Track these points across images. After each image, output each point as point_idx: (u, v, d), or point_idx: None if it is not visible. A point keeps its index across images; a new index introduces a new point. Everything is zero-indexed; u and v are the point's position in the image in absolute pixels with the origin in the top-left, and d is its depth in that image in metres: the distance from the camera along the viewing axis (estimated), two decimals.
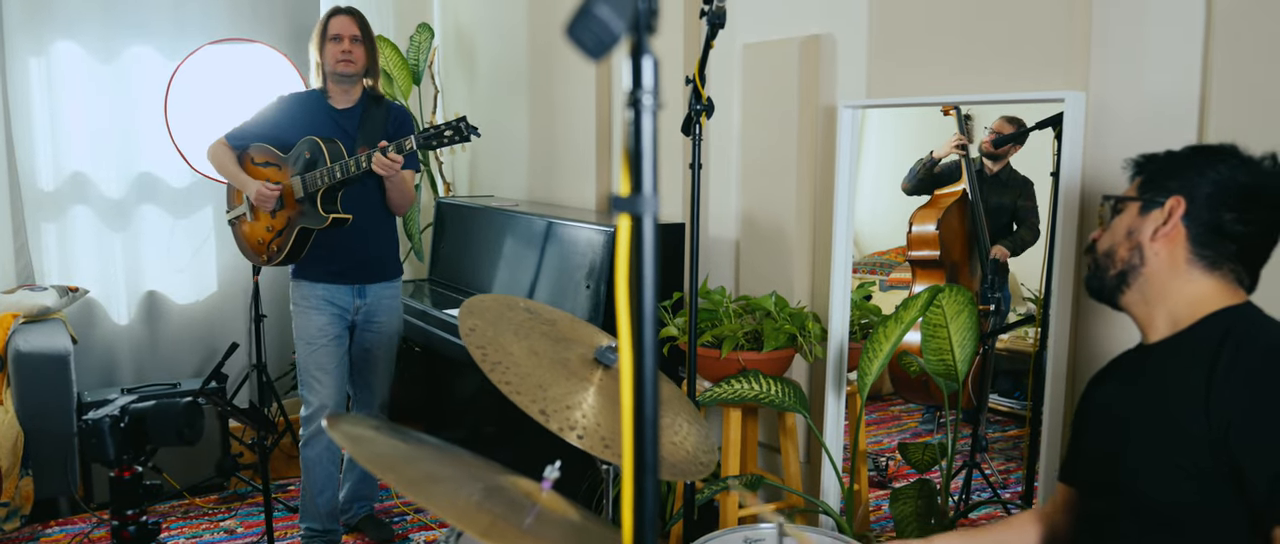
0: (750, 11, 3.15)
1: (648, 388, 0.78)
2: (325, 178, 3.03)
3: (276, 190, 3.14)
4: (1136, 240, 1.52)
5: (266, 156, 3.24)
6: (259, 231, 3.28)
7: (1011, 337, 2.84)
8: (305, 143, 3.10)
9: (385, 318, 3.36)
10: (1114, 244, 1.56)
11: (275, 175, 3.20)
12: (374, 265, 3.30)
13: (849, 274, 2.77)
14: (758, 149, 3.15)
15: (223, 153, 3.28)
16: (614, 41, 0.64)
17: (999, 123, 2.67)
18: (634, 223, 0.75)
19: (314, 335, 3.24)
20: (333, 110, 3.23)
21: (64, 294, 4.10)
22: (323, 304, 3.24)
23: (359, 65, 3.19)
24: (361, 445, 1.33)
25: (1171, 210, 1.49)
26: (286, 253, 3.18)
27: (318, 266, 3.23)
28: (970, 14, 2.49)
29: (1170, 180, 1.51)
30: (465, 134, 2.91)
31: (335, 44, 3.17)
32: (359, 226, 3.17)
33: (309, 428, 3.26)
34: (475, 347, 1.57)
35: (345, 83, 3.22)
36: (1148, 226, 1.51)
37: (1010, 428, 2.89)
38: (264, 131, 3.26)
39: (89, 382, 4.30)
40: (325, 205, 3.08)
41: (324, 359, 3.24)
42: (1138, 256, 1.52)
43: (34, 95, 4.17)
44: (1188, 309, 1.49)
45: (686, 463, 1.61)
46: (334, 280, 3.25)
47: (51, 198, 4.26)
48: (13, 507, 3.58)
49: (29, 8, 4.11)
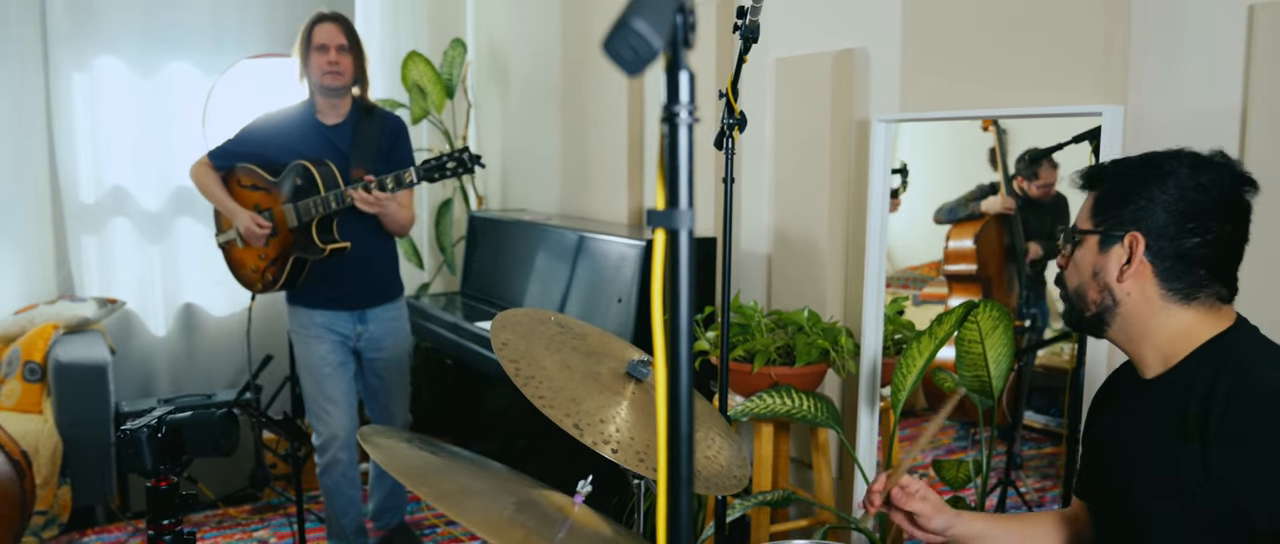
0: (783, 26, 3.15)
1: (683, 402, 0.78)
2: (319, 208, 2.92)
3: (268, 227, 3.03)
4: (1104, 281, 1.44)
5: (254, 179, 3.12)
6: (252, 260, 3.17)
7: (1047, 352, 2.81)
8: (294, 168, 2.97)
9: (391, 341, 3.26)
10: (1082, 283, 1.47)
11: (265, 200, 3.08)
12: (373, 290, 3.19)
13: (882, 289, 2.75)
14: (790, 163, 3.14)
15: (206, 175, 3.14)
16: (652, 56, 0.64)
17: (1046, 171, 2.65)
18: (670, 237, 0.75)
19: (316, 365, 3.13)
20: (322, 127, 3.08)
21: (103, 305, 4.16)
22: (323, 332, 3.14)
23: (347, 77, 3.04)
24: (394, 457, 1.34)
25: (1131, 247, 1.40)
26: (282, 281, 3.08)
27: (316, 291, 3.12)
28: (1006, 27, 2.48)
29: (1123, 209, 1.41)
30: (469, 165, 2.80)
31: (321, 54, 3.01)
32: (358, 252, 3.06)
33: (323, 458, 3.18)
34: (508, 361, 1.58)
35: (334, 96, 3.07)
36: (1111, 266, 1.42)
37: (1046, 445, 2.86)
38: (250, 151, 3.13)
39: (126, 392, 4.36)
40: (322, 235, 2.98)
41: (330, 388, 3.14)
42: (1109, 298, 1.44)
43: (76, 109, 4.25)
44: (1174, 345, 1.41)
45: (719, 477, 1.60)
46: (333, 306, 3.13)
47: (92, 210, 4.33)
48: (51, 515, 3.63)
49: (73, 23, 4.19)
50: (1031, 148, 2.67)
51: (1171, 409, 1.39)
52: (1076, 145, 2.41)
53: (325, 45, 3.01)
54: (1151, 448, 1.41)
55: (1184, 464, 1.34)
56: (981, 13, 2.54)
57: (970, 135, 2.78)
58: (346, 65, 3.03)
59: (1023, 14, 2.44)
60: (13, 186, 4.19)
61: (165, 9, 4.36)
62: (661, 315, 0.77)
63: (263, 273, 3.15)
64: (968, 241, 2.80)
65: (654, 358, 1.40)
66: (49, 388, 3.81)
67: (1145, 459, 1.42)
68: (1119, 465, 1.48)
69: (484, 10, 5.11)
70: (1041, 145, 2.68)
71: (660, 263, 0.76)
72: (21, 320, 4.01)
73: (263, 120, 3.17)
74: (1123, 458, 1.47)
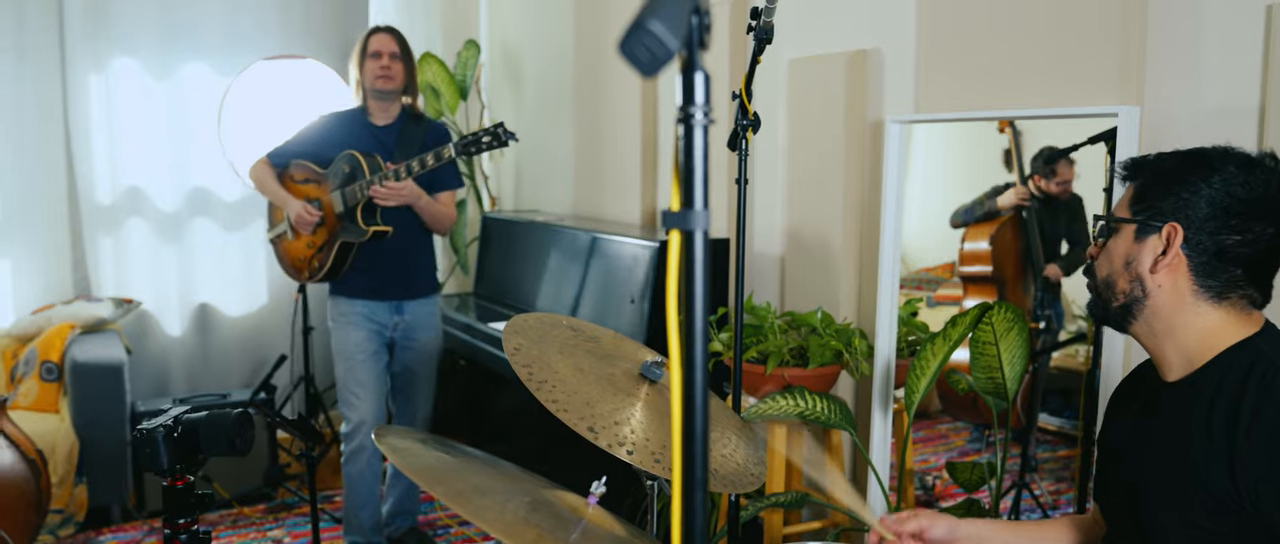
0: (796, 26, 3.14)
1: (698, 403, 0.78)
2: (364, 192, 3.05)
3: (316, 214, 3.18)
4: (1136, 271, 1.41)
5: (306, 173, 3.28)
6: (300, 248, 3.31)
7: (1062, 354, 2.80)
8: (345, 157, 3.14)
9: (424, 335, 3.38)
10: (1112, 273, 1.44)
11: (314, 192, 3.24)
12: (412, 281, 3.32)
13: (896, 290, 2.74)
14: (803, 164, 3.13)
15: (264, 172, 3.33)
16: (668, 57, 0.64)
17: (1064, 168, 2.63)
18: (685, 238, 0.75)
19: (351, 351, 3.26)
20: (372, 126, 3.27)
21: (119, 305, 4.19)
22: (361, 320, 3.26)
23: (398, 81, 3.23)
24: (408, 457, 1.34)
25: (1169, 239, 1.37)
26: (327, 268, 3.21)
27: (356, 282, 3.26)
28: (1020, 28, 2.47)
29: (1163, 200, 1.39)
30: (503, 139, 2.92)
31: (375, 61, 3.21)
32: (398, 241, 3.19)
33: (350, 444, 3.28)
34: (521, 366, 1.58)
35: (385, 99, 3.26)
36: (1146, 256, 1.40)
37: (1060, 448, 2.84)
38: (305, 150, 3.30)
39: (142, 391, 4.38)
40: (366, 218, 3.11)
41: (362, 375, 3.25)
42: (1139, 289, 1.41)
43: (93, 111, 4.27)
44: (1199, 345, 1.39)
45: (736, 475, 1.60)
46: (372, 296, 3.27)
47: (108, 211, 4.36)
48: (67, 514, 3.65)
49: (90, 25, 4.22)
50: (1047, 146, 2.65)
51: (1194, 413, 1.36)
52: (1092, 146, 2.40)
53: (379, 52, 3.22)
54: (1172, 451, 1.39)
55: (1207, 470, 1.31)
56: (996, 13, 2.53)
57: (984, 136, 2.77)
58: (397, 71, 3.23)
59: (1038, 14, 2.43)
60: (30, 187, 4.22)
61: (181, 11, 4.39)
62: (677, 316, 0.77)
63: (310, 261, 3.28)
64: (983, 243, 2.79)
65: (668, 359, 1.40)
66: (66, 387, 3.84)
67: (1164, 463, 1.40)
68: (1135, 468, 1.46)
69: (497, 12, 5.12)
70: (1057, 146, 2.66)
71: (675, 264, 0.76)
72: (39, 320, 4.04)
73: (317, 121, 3.37)
74: (1139, 460, 1.45)
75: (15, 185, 4.19)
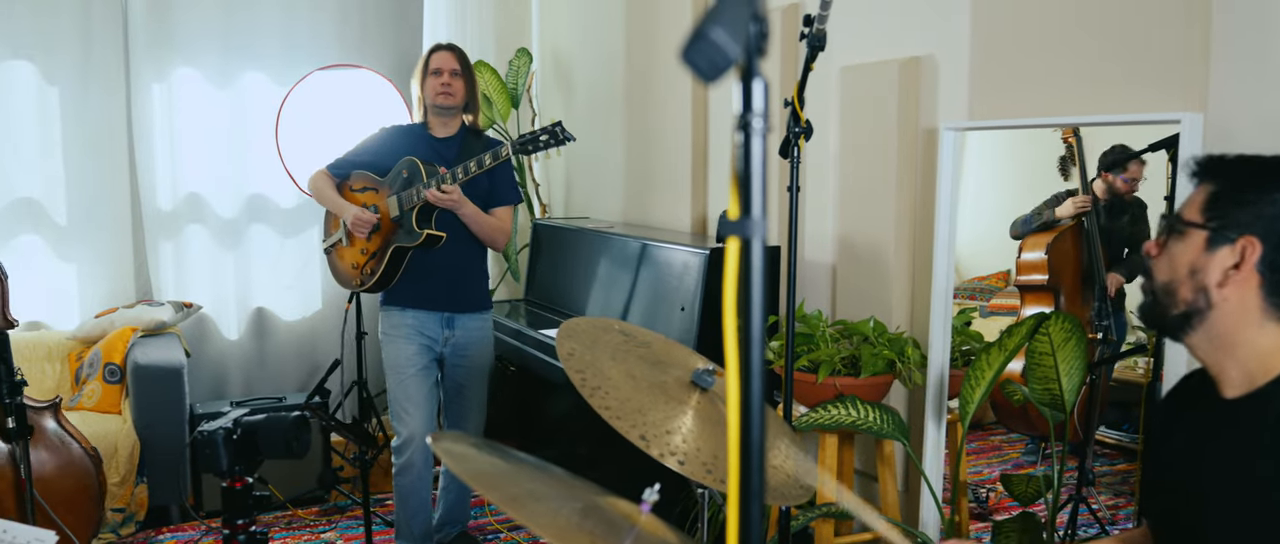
0: (848, 34, 3.12)
1: (755, 413, 0.77)
2: (420, 194, 3.06)
3: (373, 218, 3.19)
4: (1202, 282, 1.32)
5: (365, 182, 3.31)
6: (354, 255, 3.33)
7: (1122, 366, 2.74)
8: (404, 162, 3.16)
9: (475, 351, 3.36)
10: (1174, 279, 1.35)
11: (372, 199, 3.26)
12: (463, 294, 3.31)
13: (950, 299, 2.71)
14: (855, 172, 3.11)
15: (323, 181, 3.36)
16: (728, 65, 0.64)
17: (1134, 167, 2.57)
18: (743, 246, 0.75)
19: (402, 365, 3.26)
20: (433, 139, 3.29)
21: (179, 309, 4.28)
22: (411, 333, 3.27)
23: (458, 98, 3.25)
24: (463, 462, 1.35)
25: (1243, 253, 1.29)
26: (379, 276, 3.21)
27: (407, 291, 3.26)
28: (1078, 33, 2.43)
29: (1240, 209, 1.29)
30: (562, 138, 2.92)
31: (435, 78, 3.24)
32: (450, 252, 3.19)
33: (401, 458, 3.28)
34: (574, 371, 1.58)
35: (445, 115, 3.28)
36: (1214, 269, 1.31)
37: (1119, 461, 2.79)
38: (364, 160, 3.33)
39: (200, 394, 4.47)
40: (420, 223, 3.12)
41: (412, 389, 3.25)
42: (1203, 300, 1.32)
43: (155, 119, 4.38)
44: (1262, 364, 1.31)
45: (787, 486, 1.59)
46: (423, 306, 3.27)
47: (169, 217, 4.46)
48: (128, 512, 3.74)
49: (154, 36, 4.33)
50: (1119, 145, 2.59)
51: (1260, 431, 1.31)
52: (1153, 153, 2.36)
53: (440, 69, 3.25)
54: (1235, 471, 1.34)
55: (1275, 490, 1.27)
56: (1053, 18, 2.50)
57: (1039, 143, 2.73)
58: (458, 88, 3.25)
59: (1097, 18, 2.39)
60: (96, 194, 4.33)
61: (241, 22, 4.48)
62: (733, 325, 0.77)
63: (363, 267, 3.29)
64: (1040, 252, 2.75)
65: (721, 367, 1.38)
66: (127, 389, 3.93)
67: (1226, 482, 1.35)
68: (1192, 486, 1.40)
69: (549, 20, 5.16)
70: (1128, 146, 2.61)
71: (733, 272, 0.75)
72: (102, 323, 4.14)
73: (378, 133, 3.40)
74: (1196, 478, 1.39)
75: (82, 192, 4.31)
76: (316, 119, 4.21)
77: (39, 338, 4.18)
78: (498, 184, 3.25)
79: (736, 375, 0.76)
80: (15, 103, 4.17)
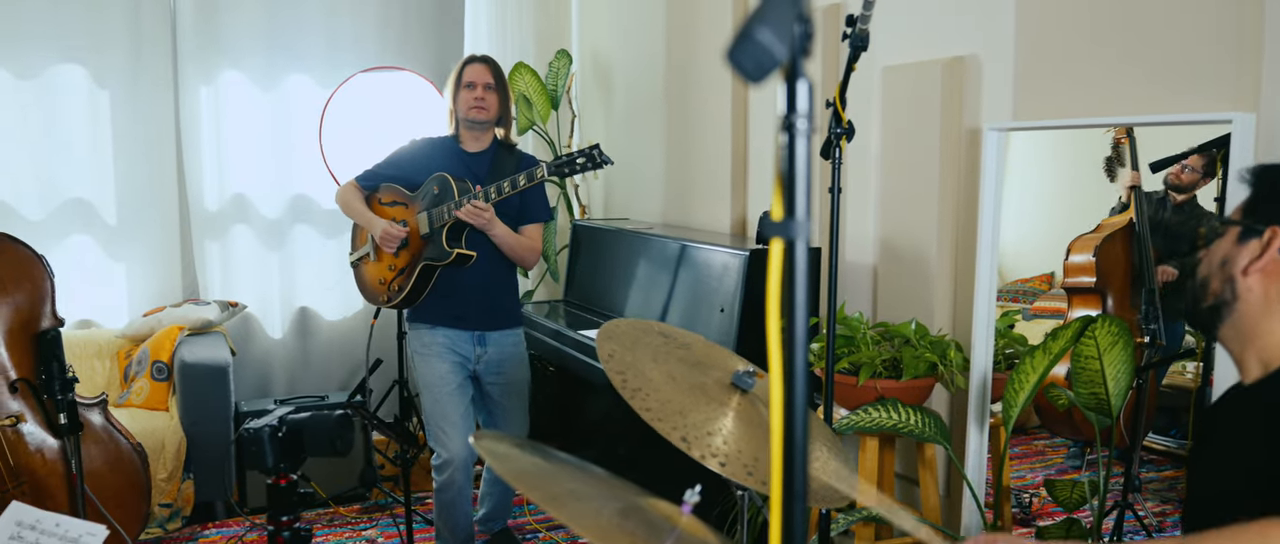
0: (891, 34, 3.10)
1: (798, 415, 0.77)
2: (451, 212, 3.02)
3: (402, 232, 3.15)
4: (1229, 272, 1.36)
5: (394, 196, 3.27)
6: (381, 271, 3.29)
7: (1171, 371, 2.69)
8: (435, 178, 3.11)
9: (510, 367, 3.31)
10: (1209, 274, 1.40)
11: (402, 213, 3.22)
12: (494, 312, 3.26)
13: (993, 302, 2.68)
14: (898, 173, 3.09)
15: (352, 194, 3.32)
16: (774, 66, 0.64)
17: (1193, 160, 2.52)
18: (786, 247, 0.75)
19: (436, 384, 3.21)
20: (464, 154, 3.23)
21: (225, 309, 4.35)
22: (443, 351, 3.22)
23: (491, 113, 3.19)
24: (505, 462, 1.36)
25: (1269, 241, 1.32)
26: (407, 292, 3.18)
27: (436, 308, 3.21)
28: (1126, 31, 2.39)
29: (1273, 204, 1.34)
30: (599, 161, 2.87)
31: (469, 91, 3.18)
32: (480, 270, 3.14)
33: (441, 476, 3.23)
34: (615, 373, 1.59)
35: (477, 129, 3.22)
36: (1242, 258, 1.35)
37: (1166, 468, 2.74)
38: (394, 173, 3.29)
39: (245, 392, 4.54)
40: (450, 241, 3.07)
41: (449, 409, 3.20)
42: (1229, 291, 1.36)
43: (203, 121, 4.46)
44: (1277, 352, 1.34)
45: (827, 489, 1.58)
46: (453, 324, 3.22)
47: (215, 218, 4.54)
48: (175, 508, 3.80)
49: (201, 40, 4.41)
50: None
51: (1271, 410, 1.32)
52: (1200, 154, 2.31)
53: (474, 83, 3.19)
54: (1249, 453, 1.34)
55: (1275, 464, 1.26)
56: (1100, 16, 2.46)
57: (1084, 144, 2.69)
58: (491, 102, 3.19)
59: (1144, 15, 2.35)
60: (144, 195, 4.41)
61: (286, 26, 4.54)
62: (777, 326, 0.76)
63: (390, 284, 3.25)
64: (1088, 255, 2.71)
65: (763, 369, 1.38)
66: (174, 386, 4.00)
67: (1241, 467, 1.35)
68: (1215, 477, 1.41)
69: (588, 21, 5.17)
70: (1163, 154, 2.57)
71: (776, 273, 0.75)
72: (150, 322, 4.22)
73: (408, 146, 3.35)
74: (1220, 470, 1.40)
75: (131, 194, 4.40)
76: (359, 120, 4.26)
77: (89, 336, 4.27)
78: (529, 202, 3.19)
79: (780, 377, 0.76)
80: (67, 105, 4.26)
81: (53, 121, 4.25)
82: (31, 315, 2.86)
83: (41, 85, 4.21)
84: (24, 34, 4.14)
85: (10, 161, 4.19)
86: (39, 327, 2.86)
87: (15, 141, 4.19)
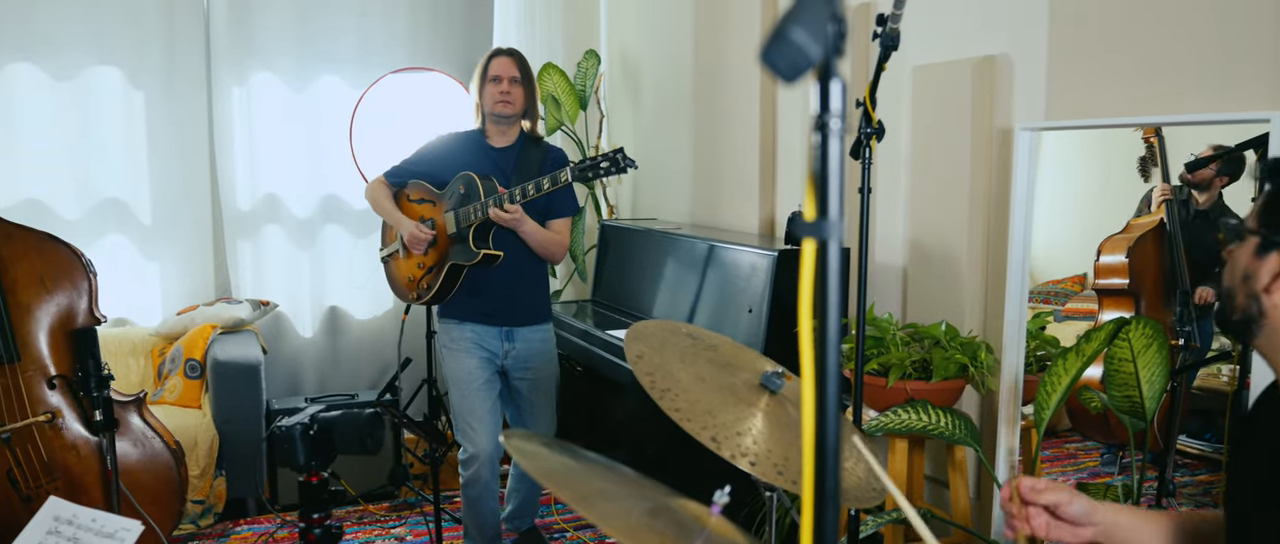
0: (921, 33, 3.08)
1: (830, 414, 0.77)
2: (478, 213, 3.03)
3: (430, 234, 3.17)
4: (1252, 289, 1.27)
5: (422, 193, 3.29)
6: (410, 268, 3.31)
7: (1206, 373, 2.66)
8: (461, 178, 3.13)
9: (538, 364, 3.32)
10: (1233, 285, 1.32)
11: (429, 212, 3.24)
12: (522, 308, 3.27)
13: (1025, 303, 2.65)
14: (928, 173, 3.07)
15: (380, 190, 3.34)
16: (809, 66, 0.64)
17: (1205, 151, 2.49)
18: (819, 248, 0.75)
19: (464, 379, 3.23)
20: (490, 149, 3.24)
21: (257, 307, 4.39)
22: (472, 347, 3.23)
23: (517, 106, 3.19)
24: (534, 460, 1.37)
25: None
26: (436, 291, 3.20)
27: (466, 306, 3.23)
28: (1161, 28, 2.36)
29: None
30: (622, 166, 2.87)
31: (494, 85, 3.18)
32: (508, 267, 3.15)
33: (468, 471, 3.25)
34: (644, 374, 1.59)
35: (503, 123, 3.23)
36: (1263, 274, 1.26)
37: (1201, 472, 2.70)
38: (421, 169, 3.31)
39: (277, 390, 4.58)
40: (477, 241, 3.09)
41: (476, 405, 3.22)
42: (1255, 307, 1.27)
43: (235, 122, 4.50)
44: None
45: (857, 489, 1.58)
46: (482, 321, 3.23)
47: (247, 217, 4.58)
48: (207, 504, 3.84)
49: (234, 42, 4.45)
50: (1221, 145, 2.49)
51: None
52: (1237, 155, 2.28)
53: (499, 76, 3.19)
54: None
55: None
56: (1135, 14, 2.43)
57: (1116, 144, 2.66)
58: (517, 96, 3.19)
59: (1180, 14, 2.32)
60: (178, 196, 4.47)
61: (317, 28, 4.58)
62: (809, 326, 0.76)
63: (419, 282, 3.28)
64: (1120, 256, 2.68)
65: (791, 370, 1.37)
66: (207, 384, 4.04)
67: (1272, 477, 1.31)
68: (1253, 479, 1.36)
69: (617, 22, 5.18)
70: (1198, 154, 2.53)
71: (809, 274, 0.75)
72: (184, 320, 4.27)
73: (435, 142, 3.36)
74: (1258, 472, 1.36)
75: (165, 194, 4.45)
76: (389, 121, 4.29)
77: (124, 334, 4.33)
78: (556, 197, 3.19)
79: (812, 378, 0.76)
80: (103, 106, 4.32)
81: (89, 122, 4.31)
82: (71, 313, 2.90)
83: (78, 87, 4.27)
84: (61, 36, 4.21)
85: (48, 161, 4.25)
86: (78, 324, 2.91)
87: (52, 142, 4.25)
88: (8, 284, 2.79)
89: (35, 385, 2.81)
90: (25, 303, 2.82)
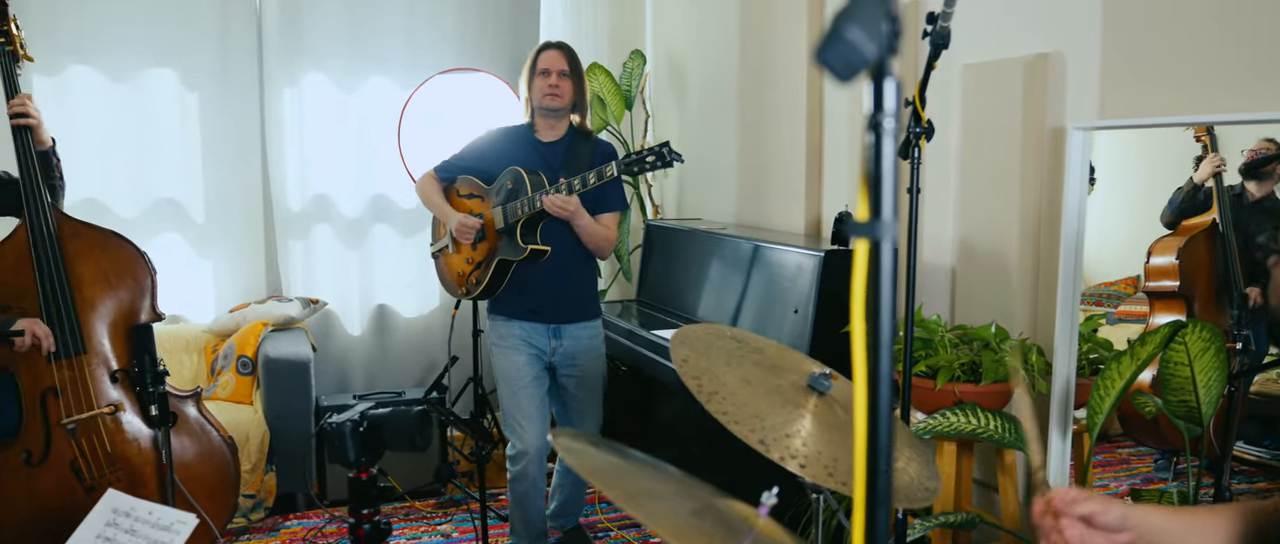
0: (971, 31, 3.04)
1: (883, 416, 0.76)
2: (525, 208, 3.04)
3: (477, 224, 3.18)
4: None
5: (471, 188, 3.31)
6: (459, 263, 3.34)
7: (1263, 379, 2.60)
8: (509, 173, 3.15)
9: (586, 360, 3.33)
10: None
11: (478, 207, 3.26)
12: (571, 304, 3.28)
13: (1077, 305, 2.61)
14: (977, 173, 3.03)
15: (430, 185, 3.37)
16: (864, 65, 0.64)
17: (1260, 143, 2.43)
18: (872, 248, 0.74)
19: (513, 376, 3.25)
20: (539, 144, 3.25)
21: (306, 305, 4.46)
22: (520, 344, 3.25)
23: (565, 99, 3.20)
24: (582, 458, 1.37)
25: None
26: (485, 285, 3.21)
27: (514, 302, 3.25)
28: (1218, 25, 2.31)
29: None
30: (668, 159, 2.88)
31: (543, 78, 3.19)
32: (557, 262, 3.16)
33: (515, 467, 3.27)
34: (690, 377, 1.59)
35: (552, 117, 3.24)
36: None
37: (1258, 479, 2.64)
38: (471, 164, 3.32)
39: (326, 387, 4.65)
40: (525, 236, 3.10)
41: (525, 401, 3.23)
42: None
43: (287, 123, 4.58)
44: None
45: (909, 488, 1.57)
46: (530, 318, 3.25)
47: (298, 217, 4.65)
48: (258, 498, 3.91)
49: (286, 43, 4.53)
50: None
51: None
52: None
53: (548, 70, 3.21)
54: None
55: None
56: (1191, 11, 2.38)
57: (1170, 142, 2.61)
58: (566, 89, 3.21)
59: (1237, 8, 2.27)
60: (231, 195, 4.55)
61: (367, 29, 4.64)
62: (861, 328, 0.76)
63: (468, 277, 3.30)
64: (1170, 257, 2.62)
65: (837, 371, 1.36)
66: (258, 381, 4.11)
67: None
68: None
69: (663, 22, 5.18)
70: (1251, 149, 2.47)
71: (861, 275, 0.74)
72: (236, 318, 4.35)
73: (485, 136, 3.38)
74: None
75: (218, 193, 4.54)
76: (437, 122, 4.33)
77: (178, 331, 4.42)
78: (606, 190, 3.20)
79: (865, 376, 0.75)
80: (159, 107, 4.41)
81: (144, 123, 4.40)
82: (133, 310, 2.97)
83: (134, 88, 4.37)
84: (118, 38, 4.30)
85: (105, 161, 4.35)
86: (139, 320, 2.97)
87: (109, 142, 4.35)
88: (74, 279, 2.86)
89: (99, 378, 2.88)
90: (90, 298, 2.89)
